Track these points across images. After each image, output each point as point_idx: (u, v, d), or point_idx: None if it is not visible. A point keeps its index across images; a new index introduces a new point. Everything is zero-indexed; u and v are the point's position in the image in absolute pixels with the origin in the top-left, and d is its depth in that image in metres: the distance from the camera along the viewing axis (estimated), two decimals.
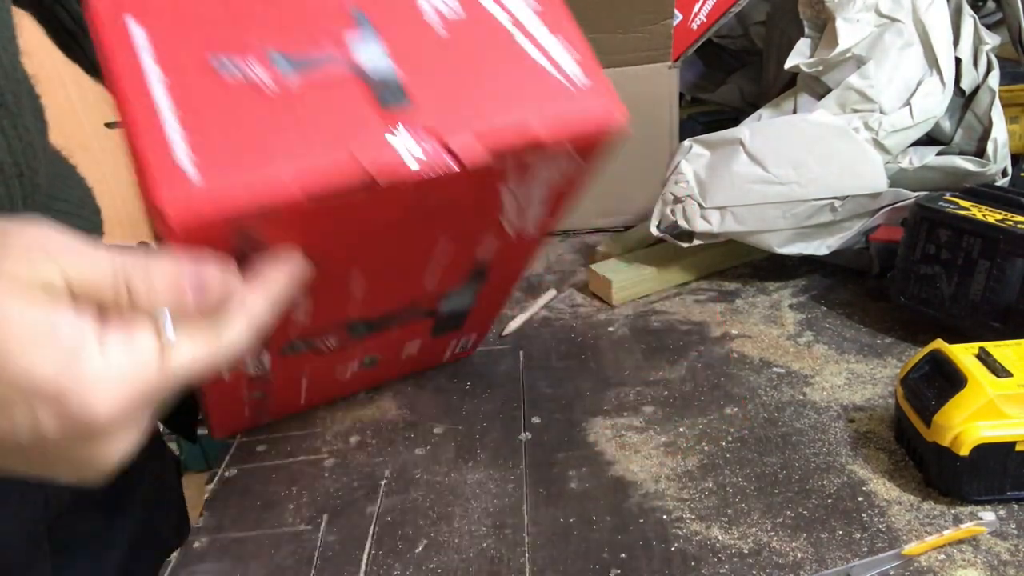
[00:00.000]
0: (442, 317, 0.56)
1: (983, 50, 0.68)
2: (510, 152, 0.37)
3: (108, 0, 0.35)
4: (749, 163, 0.65)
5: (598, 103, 0.39)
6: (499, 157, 0.37)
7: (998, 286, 0.54)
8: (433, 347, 0.60)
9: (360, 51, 0.37)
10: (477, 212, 0.43)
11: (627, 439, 0.53)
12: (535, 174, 0.41)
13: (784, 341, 0.62)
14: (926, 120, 0.65)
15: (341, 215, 0.36)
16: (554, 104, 0.38)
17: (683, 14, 0.80)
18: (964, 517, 0.44)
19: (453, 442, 0.55)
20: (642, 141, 0.83)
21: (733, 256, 0.75)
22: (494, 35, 0.39)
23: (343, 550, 0.46)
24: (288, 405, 0.58)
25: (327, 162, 0.34)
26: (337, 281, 0.43)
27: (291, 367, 0.51)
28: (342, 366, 0.56)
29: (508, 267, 0.53)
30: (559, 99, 0.38)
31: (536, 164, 0.40)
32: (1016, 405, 0.42)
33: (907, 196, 0.64)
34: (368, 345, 0.54)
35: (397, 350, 0.57)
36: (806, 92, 0.71)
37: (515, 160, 0.38)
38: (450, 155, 0.36)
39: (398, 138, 0.35)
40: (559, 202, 0.46)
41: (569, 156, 0.40)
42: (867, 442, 0.50)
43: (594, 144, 0.40)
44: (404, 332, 0.55)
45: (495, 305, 0.58)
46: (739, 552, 0.43)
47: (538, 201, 0.44)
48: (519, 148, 0.37)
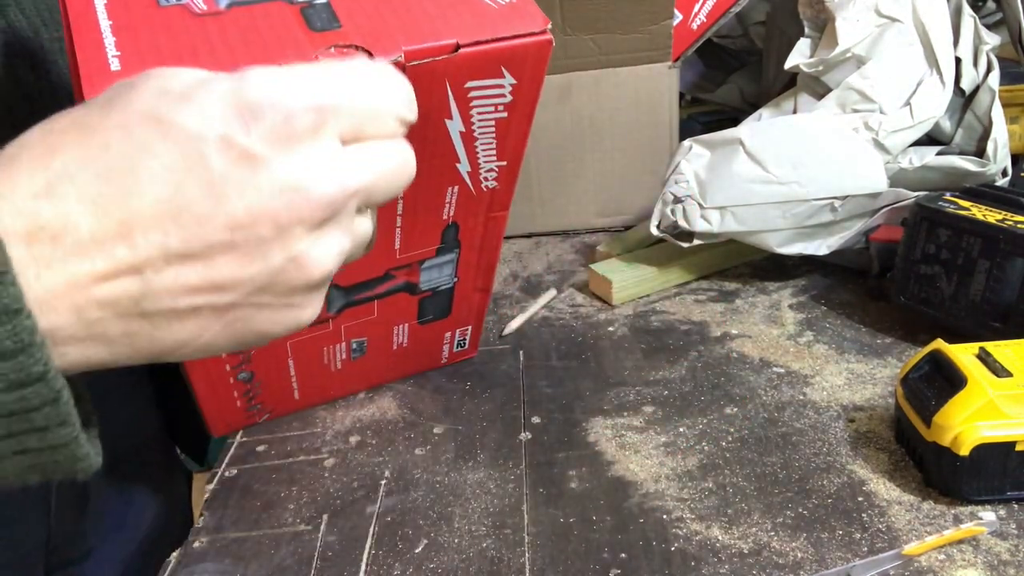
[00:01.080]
0: (425, 296, 0.56)
1: (983, 50, 0.68)
2: (442, 69, 0.40)
3: None
4: (749, 163, 0.65)
5: (522, 18, 0.41)
6: (432, 75, 0.40)
7: (998, 286, 0.54)
8: (425, 340, 0.60)
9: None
10: (428, 152, 0.44)
11: (627, 439, 0.53)
12: (475, 106, 0.43)
13: (784, 341, 0.62)
14: (926, 120, 0.65)
15: None
16: (480, 21, 0.40)
17: (683, 14, 0.80)
18: (964, 517, 0.44)
19: (453, 442, 0.55)
20: (642, 141, 0.83)
21: (733, 256, 0.75)
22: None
23: (343, 550, 0.46)
24: (282, 398, 0.58)
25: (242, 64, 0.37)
26: None
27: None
28: (329, 349, 0.56)
29: (481, 231, 0.53)
30: (485, 17, 0.41)
31: (473, 90, 0.42)
32: (1016, 405, 0.42)
33: (907, 196, 0.64)
34: (350, 324, 0.55)
35: (384, 334, 0.58)
36: (806, 92, 0.71)
37: (451, 80, 0.41)
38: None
39: (325, 57, 0.37)
40: (507, 144, 0.47)
41: (500, 74, 0.42)
42: (867, 442, 0.50)
43: (521, 58, 0.42)
44: (387, 311, 0.56)
45: (481, 285, 0.58)
46: (739, 552, 0.43)
47: (486, 143, 0.46)
48: (450, 64, 0.40)
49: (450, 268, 0.55)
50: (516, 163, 0.49)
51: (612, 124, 0.82)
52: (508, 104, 0.44)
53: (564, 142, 0.83)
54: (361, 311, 0.55)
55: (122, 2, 0.38)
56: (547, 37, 0.41)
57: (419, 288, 0.55)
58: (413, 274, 0.54)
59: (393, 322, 0.57)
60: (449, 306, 0.58)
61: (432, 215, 0.50)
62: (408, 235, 0.51)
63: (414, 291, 0.55)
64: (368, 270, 0.52)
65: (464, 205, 0.50)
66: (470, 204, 0.50)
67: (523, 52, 0.42)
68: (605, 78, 0.80)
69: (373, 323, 0.56)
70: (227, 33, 0.38)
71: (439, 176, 0.47)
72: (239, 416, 0.58)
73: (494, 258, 0.56)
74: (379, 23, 0.39)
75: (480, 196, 0.50)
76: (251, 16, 0.39)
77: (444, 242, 0.53)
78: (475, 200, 0.50)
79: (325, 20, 0.39)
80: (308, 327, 0.51)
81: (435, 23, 0.40)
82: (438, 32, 0.39)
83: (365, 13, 0.40)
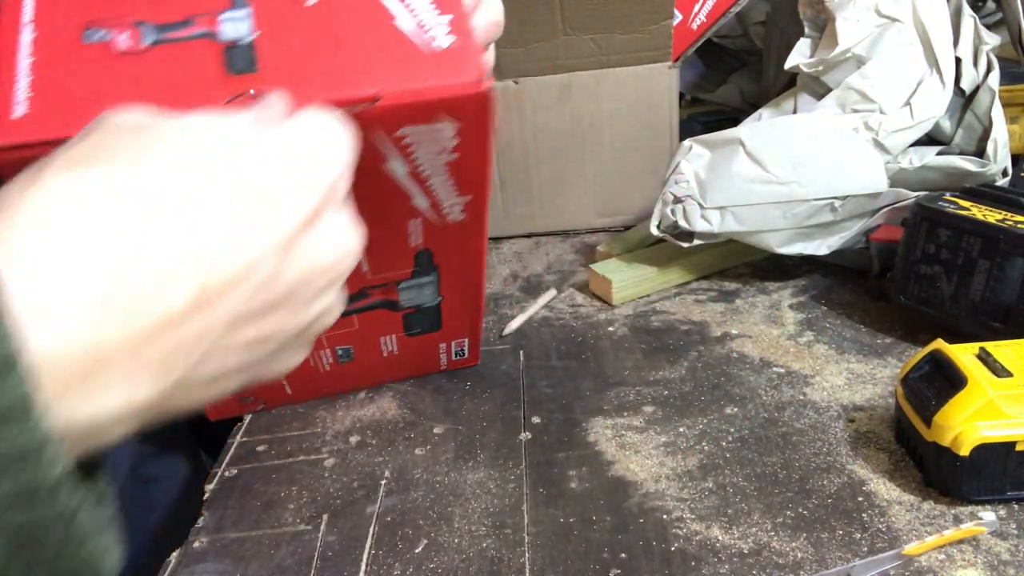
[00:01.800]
0: (409, 313, 0.55)
1: (983, 50, 0.68)
2: (364, 117, 0.38)
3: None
4: (749, 163, 0.65)
5: (456, 67, 0.39)
6: (355, 122, 0.38)
7: (998, 286, 0.54)
8: (418, 349, 0.59)
9: (225, 19, 0.39)
10: (374, 190, 0.43)
11: (627, 439, 0.53)
12: (415, 151, 0.41)
13: (784, 341, 0.62)
14: (926, 120, 0.65)
15: None
16: (409, 69, 0.38)
17: (683, 14, 0.80)
18: (964, 517, 0.44)
19: (453, 442, 0.55)
20: (642, 141, 0.83)
21: (733, 256, 0.75)
22: (364, 7, 0.40)
23: (343, 550, 0.46)
24: (273, 393, 0.59)
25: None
26: None
27: None
28: (313, 354, 0.56)
29: (458, 258, 0.52)
30: (415, 64, 0.38)
31: (408, 136, 0.40)
32: (1016, 405, 0.42)
33: (907, 196, 0.64)
34: (331, 333, 0.54)
35: (371, 343, 0.57)
36: (806, 92, 0.71)
37: (379, 128, 0.39)
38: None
39: (239, 103, 0.37)
40: (464, 179, 0.45)
41: (435, 120, 0.40)
42: (867, 442, 0.50)
43: (458, 106, 0.39)
44: (369, 324, 0.55)
45: (470, 305, 0.57)
46: (739, 552, 0.43)
47: (441, 181, 0.44)
48: (372, 114, 0.38)
49: (431, 288, 0.54)
50: (482, 196, 0.47)
51: (612, 124, 0.82)
52: (456, 147, 0.42)
53: (564, 142, 0.83)
54: (340, 323, 0.54)
55: (47, 39, 0.38)
56: (483, 89, 0.38)
57: (400, 305, 0.54)
58: (391, 292, 0.53)
59: (378, 333, 0.57)
60: (438, 321, 0.57)
61: (397, 243, 0.48)
62: (375, 259, 0.49)
63: (395, 308, 0.54)
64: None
65: (433, 234, 0.48)
66: (439, 233, 0.48)
67: (458, 102, 0.39)
68: (605, 78, 0.80)
69: (355, 333, 0.56)
70: (141, 76, 0.37)
71: (394, 210, 0.45)
72: (232, 404, 0.59)
73: (480, 281, 0.55)
74: (300, 69, 0.38)
75: (449, 227, 0.48)
76: (171, 57, 0.38)
77: (418, 265, 0.51)
78: (444, 230, 0.48)
79: (244, 63, 0.38)
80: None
81: (359, 70, 0.38)
82: (359, 81, 0.38)
83: (288, 57, 0.38)
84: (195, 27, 0.39)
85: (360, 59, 0.38)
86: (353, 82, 0.38)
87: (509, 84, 0.80)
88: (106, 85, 0.37)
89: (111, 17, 0.39)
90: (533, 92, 0.81)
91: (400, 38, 0.39)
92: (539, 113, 0.82)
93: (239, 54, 0.38)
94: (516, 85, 0.80)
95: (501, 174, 0.85)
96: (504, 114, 0.82)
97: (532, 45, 0.78)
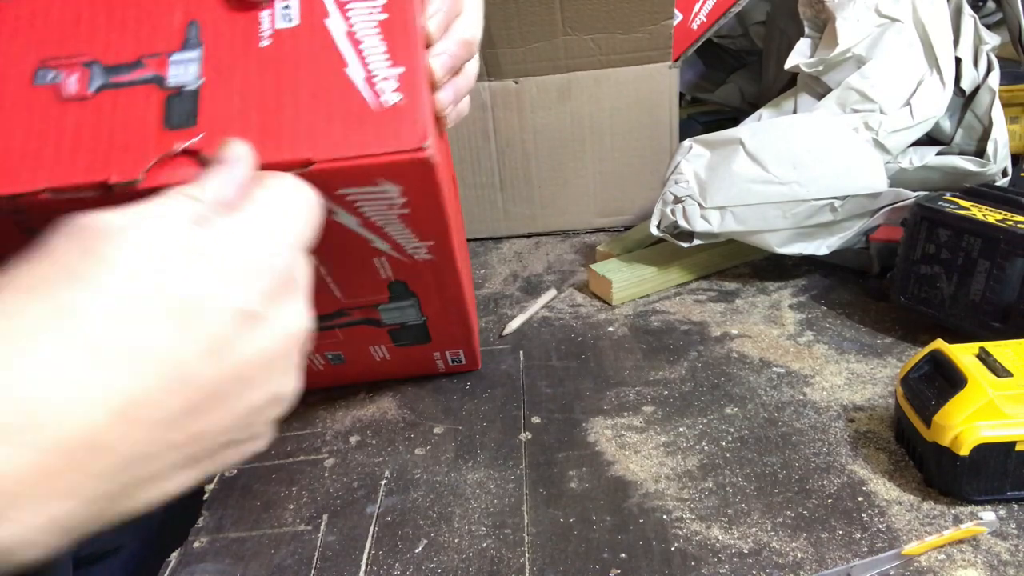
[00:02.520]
0: (394, 329, 0.54)
1: (983, 50, 0.68)
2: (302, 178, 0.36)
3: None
4: (749, 163, 0.65)
5: (398, 129, 0.37)
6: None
7: (998, 286, 0.54)
8: (412, 356, 0.58)
9: (175, 62, 0.39)
10: (330, 240, 0.41)
11: (627, 439, 0.53)
12: (361, 207, 0.40)
13: (784, 341, 0.62)
14: (926, 120, 0.65)
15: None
16: (350, 132, 0.37)
17: (683, 14, 0.80)
18: (964, 517, 0.44)
19: (453, 442, 0.55)
20: (642, 141, 0.83)
21: (733, 256, 0.75)
22: (318, 50, 0.39)
23: (343, 550, 0.46)
24: None
25: (78, 165, 0.37)
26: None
27: None
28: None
29: (436, 287, 0.50)
30: (357, 125, 0.37)
31: (351, 195, 0.39)
32: (1016, 405, 0.42)
33: (907, 196, 0.64)
34: (318, 343, 0.54)
35: (362, 352, 0.57)
36: (806, 92, 0.71)
37: (318, 187, 0.36)
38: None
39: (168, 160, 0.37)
40: (421, 228, 0.43)
41: (376, 183, 0.39)
42: (867, 442, 0.50)
43: (397, 171, 0.38)
44: (355, 336, 0.54)
45: (458, 321, 0.55)
46: (739, 552, 0.43)
47: (397, 230, 0.43)
48: (309, 176, 0.36)
49: (413, 311, 0.52)
50: (446, 240, 0.45)
51: (612, 124, 0.82)
52: (405, 203, 0.40)
53: (564, 142, 0.83)
54: (324, 335, 0.53)
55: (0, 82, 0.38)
56: (423, 155, 0.37)
57: (383, 323, 0.53)
58: (371, 313, 0.52)
59: (366, 344, 0.56)
60: (426, 336, 0.56)
61: (367, 277, 0.47)
62: (347, 287, 0.48)
63: (378, 325, 0.53)
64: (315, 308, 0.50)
65: (402, 270, 0.47)
66: (409, 269, 0.47)
67: (398, 168, 0.38)
68: (605, 78, 0.80)
69: (342, 344, 0.55)
70: (82, 123, 0.37)
71: (356, 252, 0.45)
72: None
73: (463, 304, 0.53)
74: (238, 124, 0.37)
75: (417, 265, 0.47)
76: (114, 104, 0.38)
77: (394, 293, 0.50)
78: (413, 267, 0.47)
79: (183, 117, 0.37)
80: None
81: (298, 128, 0.37)
82: (295, 143, 0.37)
83: (228, 110, 0.37)
84: (144, 70, 0.39)
85: (301, 116, 0.37)
86: (289, 143, 0.37)
87: (509, 84, 0.80)
88: (49, 133, 0.37)
89: (65, 56, 0.39)
90: (533, 92, 0.81)
91: (348, 90, 0.38)
92: (539, 113, 0.82)
93: (180, 104, 0.38)
94: (516, 85, 0.80)
95: (501, 174, 0.85)
96: (504, 114, 0.82)
97: (532, 45, 0.78)
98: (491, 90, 0.81)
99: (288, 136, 0.37)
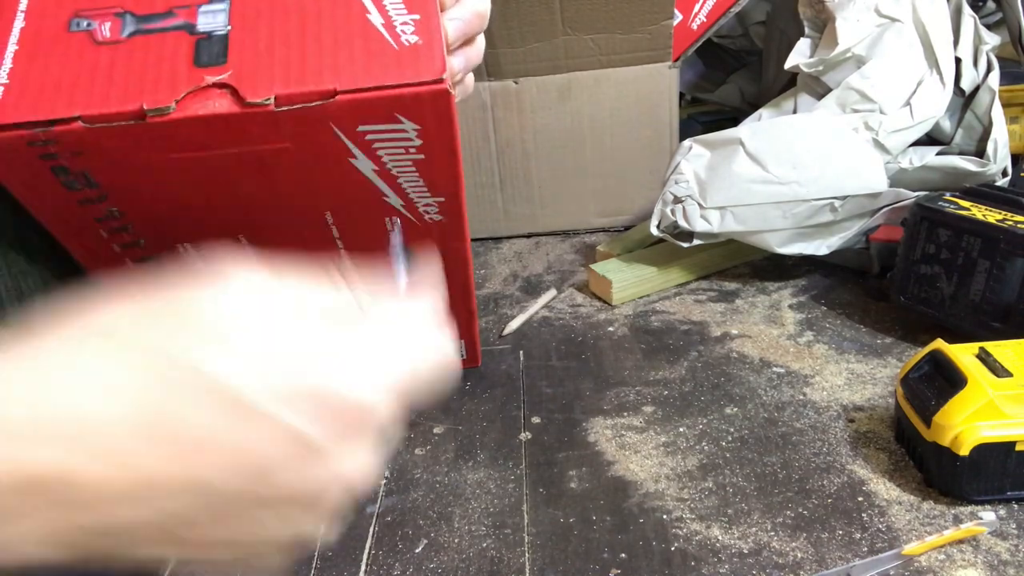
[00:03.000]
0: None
1: (983, 50, 0.68)
2: (320, 113, 0.39)
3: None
4: (749, 163, 0.65)
5: (418, 64, 0.39)
6: (313, 118, 0.39)
7: (998, 286, 0.54)
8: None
9: (204, 11, 0.41)
10: (348, 188, 0.44)
11: (627, 439, 0.53)
12: (379, 148, 0.42)
13: (784, 341, 0.62)
14: (926, 120, 0.65)
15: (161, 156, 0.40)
16: (371, 65, 0.39)
17: (683, 14, 0.80)
18: (964, 517, 0.44)
19: (453, 442, 0.55)
20: (642, 141, 0.83)
21: (733, 256, 0.75)
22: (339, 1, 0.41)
23: (343, 550, 0.46)
24: None
25: (111, 96, 0.38)
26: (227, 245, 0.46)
27: None
28: None
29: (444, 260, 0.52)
30: (379, 60, 0.39)
31: (369, 134, 0.41)
32: (1016, 405, 0.42)
33: (907, 196, 0.64)
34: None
35: None
36: (806, 92, 0.71)
37: (337, 124, 0.40)
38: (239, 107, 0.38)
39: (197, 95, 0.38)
40: (437, 182, 0.45)
41: (396, 120, 0.40)
42: (867, 442, 0.50)
43: (416, 105, 0.40)
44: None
45: (461, 307, 0.56)
46: (739, 552, 0.43)
47: (411, 182, 0.45)
48: (330, 109, 0.39)
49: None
50: (457, 198, 0.46)
51: (612, 124, 0.82)
52: (421, 147, 0.42)
53: (564, 142, 0.83)
54: None
55: (36, 27, 0.40)
56: (442, 87, 0.39)
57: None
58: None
59: None
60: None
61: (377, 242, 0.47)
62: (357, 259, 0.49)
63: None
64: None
65: (412, 235, 0.48)
66: (419, 235, 0.48)
67: (416, 100, 0.39)
68: (605, 78, 0.80)
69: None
70: (116, 65, 0.39)
71: (369, 207, 0.46)
72: None
73: (468, 284, 0.55)
74: (264, 61, 0.39)
75: (427, 228, 0.48)
76: (146, 47, 0.40)
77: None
78: (423, 232, 0.48)
79: (213, 56, 0.39)
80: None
81: (322, 65, 0.39)
82: (320, 76, 0.38)
83: (255, 50, 0.39)
84: (174, 18, 0.41)
85: (325, 54, 0.39)
86: (314, 76, 0.39)
87: (509, 84, 0.80)
88: (83, 73, 0.39)
89: (97, 7, 0.41)
90: (533, 92, 0.80)
91: (369, 33, 0.40)
92: (539, 113, 0.82)
93: (210, 46, 0.40)
94: (516, 85, 0.80)
95: (501, 174, 0.85)
96: (504, 114, 0.82)
97: (532, 45, 0.78)
98: (491, 90, 0.81)
99: (313, 70, 0.39)
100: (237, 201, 0.44)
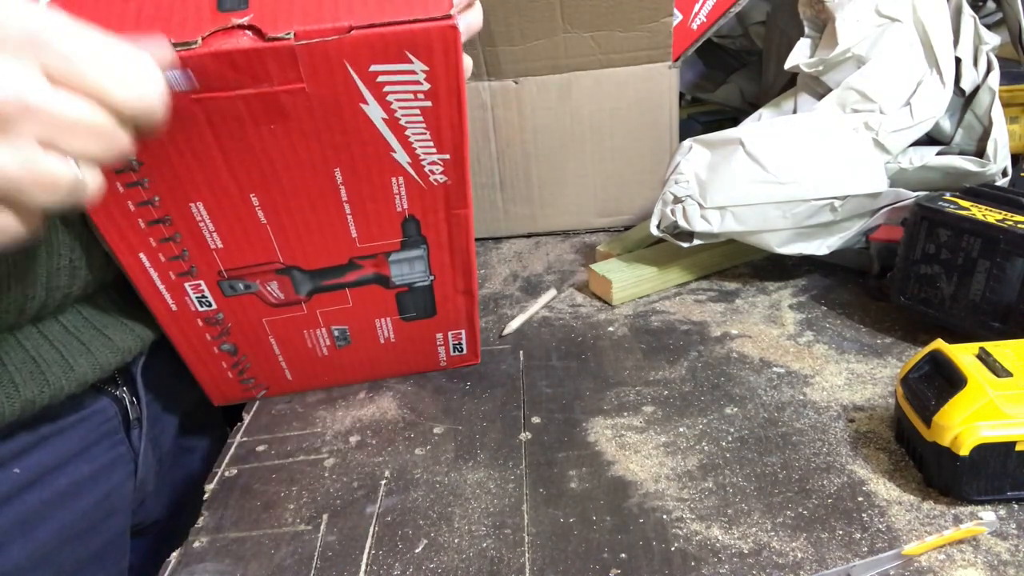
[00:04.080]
0: (401, 291, 0.56)
1: (983, 50, 0.68)
2: (336, 50, 0.41)
3: None
4: (749, 163, 0.65)
5: (426, 2, 0.42)
6: (328, 56, 0.42)
7: (998, 286, 0.54)
8: (415, 338, 0.60)
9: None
10: (357, 139, 0.46)
11: (627, 439, 0.53)
12: (389, 92, 0.44)
13: (784, 341, 0.62)
14: (926, 120, 0.65)
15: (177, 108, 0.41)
16: (383, 4, 0.42)
17: (683, 14, 0.80)
18: (964, 517, 0.44)
19: (453, 442, 0.55)
20: (642, 141, 0.83)
21: (733, 256, 0.75)
22: None
23: (343, 550, 0.46)
24: (274, 377, 0.60)
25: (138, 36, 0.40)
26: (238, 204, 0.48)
27: (242, 313, 0.54)
28: (309, 333, 0.57)
29: (446, 229, 0.53)
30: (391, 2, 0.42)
31: (380, 75, 0.43)
32: (1016, 405, 0.42)
33: (907, 196, 0.64)
34: (325, 310, 0.56)
35: (367, 325, 0.58)
36: (806, 92, 0.71)
37: (351, 63, 0.42)
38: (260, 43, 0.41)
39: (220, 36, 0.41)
40: (443, 135, 0.47)
41: (406, 59, 0.43)
42: (867, 442, 0.50)
43: (426, 43, 0.42)
44: (362, 301, 0.56)
45: (463, 287, 0.57)
46: (739, 552, 0.43)
47: (418, 133, 0.47)
48: (345, 45, 0.41)
49: (421, 264, 0.55)
50: (461, 157, 0.49)
51: (612, 124, 0.82)
52: (428, 92, 0.45)
53: (564, 142, 0.83)
54: (334, 298, 0.55)
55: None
56: (450, 23, 0.41)
57: (392, 282, 0.55)
58: (382, 266, 0.54)
59: (372, 314, 0.57)
60: (432, 306, 0.58)
61: (383, 205, 0.51)
62: (363, 224, 0.51)
63: (387, 284, 0.55)
64: (329, 256, 0.53)
65: (417, 199, 0.51)
66: (424, 198, 0.51)
67: (425, 37, 0.42)
68: (605, 78, 0.80)
69: (350, 312, 0.57)
70: (144, 9, 0.41)
71: (377, 163, 0.48)
72: (235, 388, 0.60)
73: (469, 258, 0.56)
74: (284, 5, 0.42)
75: (432, 190, 0.50)
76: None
77: (407, 235, 0.53)
78: (428, 194, 0.50)
79: (235, 1, 0.41)
80: (279, 307, 0.55)
81: (338, 7, 0.42)
82: (336, 14, 0.41)
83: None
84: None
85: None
86: (331, 15, 0.41)
87: (509, 84, 0.80)
88: (112, 17, 0.40)
89: None
90: (533, 92, 0.81)
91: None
92: (539, 113, 0.82)
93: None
94: (516, 85, 0.80)
95: (501, 174, 0.85)
96: (504, 114, 0.82)
97: (532, 43, 0.78)
98: (491, 90, 0.81)
99: (330, 10, 0.42)
100: (252, 155, 0.46)
